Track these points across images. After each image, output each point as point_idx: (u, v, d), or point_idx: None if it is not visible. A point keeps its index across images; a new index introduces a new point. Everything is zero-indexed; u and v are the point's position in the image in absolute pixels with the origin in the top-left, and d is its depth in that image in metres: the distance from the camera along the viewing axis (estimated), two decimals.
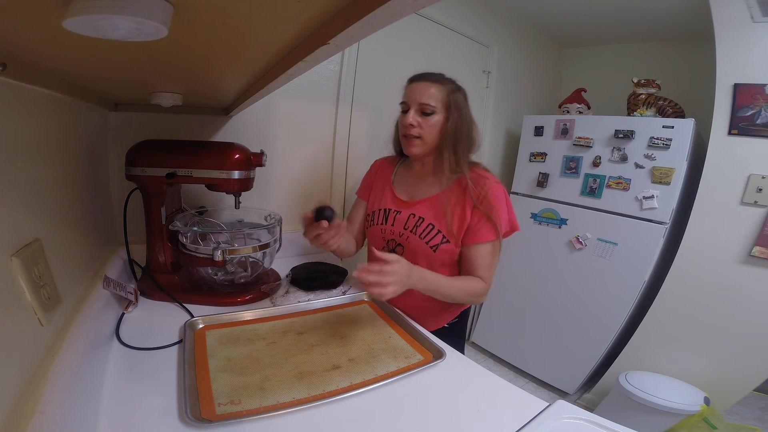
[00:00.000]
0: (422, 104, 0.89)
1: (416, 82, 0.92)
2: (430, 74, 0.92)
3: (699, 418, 1.43)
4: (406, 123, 0.90)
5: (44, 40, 0.36)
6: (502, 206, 0.89)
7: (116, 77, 0.64)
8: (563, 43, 2.56)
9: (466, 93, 0.94)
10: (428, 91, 0.89)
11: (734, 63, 1.46)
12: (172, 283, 0.92)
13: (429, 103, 0.88)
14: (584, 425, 0.58)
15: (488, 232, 0.88)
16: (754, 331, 1.47)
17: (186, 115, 1.10)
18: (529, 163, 2.08)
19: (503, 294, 2.23)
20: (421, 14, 1.67)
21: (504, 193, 0.91)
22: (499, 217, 0.88)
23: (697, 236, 1.58)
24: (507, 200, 0.91)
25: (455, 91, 0.91)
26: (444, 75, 0.93)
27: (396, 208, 0.99)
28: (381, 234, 1.00)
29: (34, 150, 0.56)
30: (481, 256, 0.90)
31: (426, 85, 0.90)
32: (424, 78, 0.91)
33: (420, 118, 0.90)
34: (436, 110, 0.89)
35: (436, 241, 0.91)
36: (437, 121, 0.90)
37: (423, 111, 0.89)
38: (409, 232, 0.95)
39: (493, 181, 0.91)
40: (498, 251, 0.92)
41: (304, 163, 1.42)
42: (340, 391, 0.61)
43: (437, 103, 0.89)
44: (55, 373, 0.48)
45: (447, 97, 0.90)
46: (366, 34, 0.30)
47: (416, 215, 0.95)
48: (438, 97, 0.89)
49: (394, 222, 0.98)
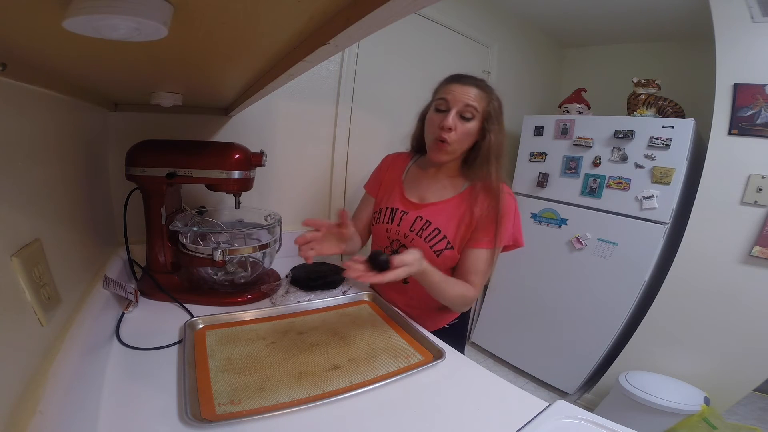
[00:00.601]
0: (467, 106, 0.84)
1: (461, 83, 0.86)
2: (474, 78, 0.88)
3: (699, 418, 1.43)
4: (446, 125, 0.84)
5: (44, 40, 0.36)
6: (509, 218, 0.87)
7: (116, 77, 0.64)
8: (563, 43, 2.56)
9: (501, 103, 0.90)
10: (470, 93, 0.84)
11: (734, 63, 1.46)
12: (172, 283, 0.92)
13: (474, 105, 0.84)
14: (584, 425, 0.58)
15: (489, 239, 0.86)
16: (754, 331, 1.47)
17: (186, 115, 1.10)
18: (529, 163, 2.08)
19: (503, 294, 2.23)
20: (421, 14, 1.67)
21: (514, 206, 0.89)
22: (504, 228, 0.86)
23: (697, 236, 1.58)
24: (516, 214, 0.89)
25: (495, 101, 0.88)
26: (486, 81, 0.89)
27: (404, 209, 0.96)
28: (386, 233, 0.98)
29: (34, 150, 0.57)
30: (477, 261, 0.87)
31: (471, 89, 0.85)
32: (468, 80, 0.86)
33: (459, 122, 0.85)
34: (476, 116, 0.85)
35: (440, 246, 0.90)
36: (472, 128, 0.86)
37: (463, 115, 0.84)
38: (415, 234, 0.92)
39: (507, 192, 0.89)
40: (493, 261, 0.89)
41: (304, 163, 1.42)
42: (340, 391, 0.61)
43: (479, 109, 0.85)
44: (55, 373, 0.48)
45: (488, 106, 0.86)
46: (366, 34, 0.30)
47: (423, 218, 0.92)
48: (480, 103, 0.85)
49: (400, 222, 0.95)
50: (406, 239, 0.94)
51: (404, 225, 0.94)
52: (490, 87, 0.89)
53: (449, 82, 0.88)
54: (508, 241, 0.88)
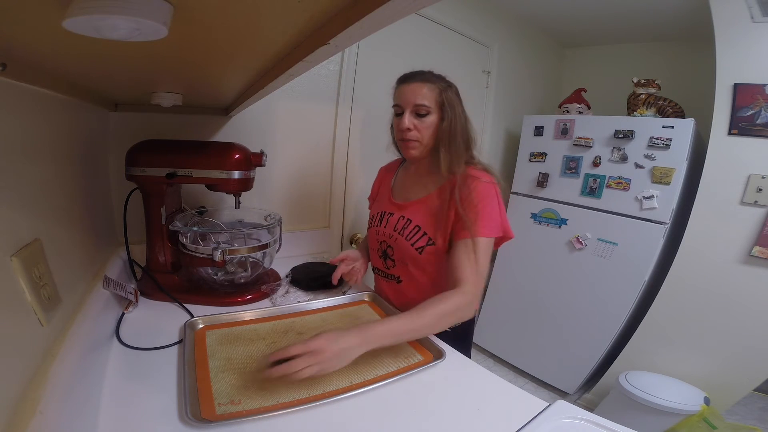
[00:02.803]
0: (417, 105, 0.86)
1: (407, 83, 0.89)
2: (420, 73, 0.89)
3: (699, 418, 1.43)
4: (403, 127, 0.88)
5: (44, 40, 0.36)
6: (490, 205, 0.84)
7: (116, 77, 0.64)
8: (563, 43, 2.56)
9: (457, 89, 0.91)
10: (421, 91, 0.86)
11: (734, 63, 1.46)
12: (172, 283, 0.92)
13: (423, 103, 0.86)
14: (584, 425, 0.58)
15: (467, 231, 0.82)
16: (754, 331, 1.47)
17: (186, 115, 1.10)
18: (529, 163, 2.08)
19: (503, 294, 2.23)
20: (421, 14, 1.66)
21: (493, 193, 0.85)
22: (485, 215, 0.82)
23: (697, 236, 1.58)
24: (499, 201, 0.86)
25: (447, 89, 0.88)
26: (433, 72, 0.90)
27: (389, 210, 0.99)
28: (375, 236, 1.00)
29: (35, 150, 0.57)
30: (461, 254, 0.82)
31: (418, 86, 0.87)
32: (414, 78, 0.89)
33: (416, 120, 0.87)
34: (431, 110, 0.87)
35: (421, 243, 0.89)
36: (432, 122, 0.88)
37: (417, 113, 0.87)
38: (397, 234, 0.93)
39: (483, 181, 0.85)
40: (482, 251, 0.82)
41: (304, 163, 1.42)
42: (340, 391, 0.61)
43: (431, 103, 0.86)
44: (55, 373, 0.48)
45: (440, 96, 0.87)
46: (366, 34, 0.30)
47: (405, 217, 0.93)
48: (431, 97, 0.86)
49: (387, 224, 0.97)
50: (391, 239, 0.96)
51: (389, 226, 0.96)
52: (438, 76, 0.90)
53: (398, 85, 0.91)
54: (497, 231, 0.84)
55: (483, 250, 0.82)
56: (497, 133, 2.26)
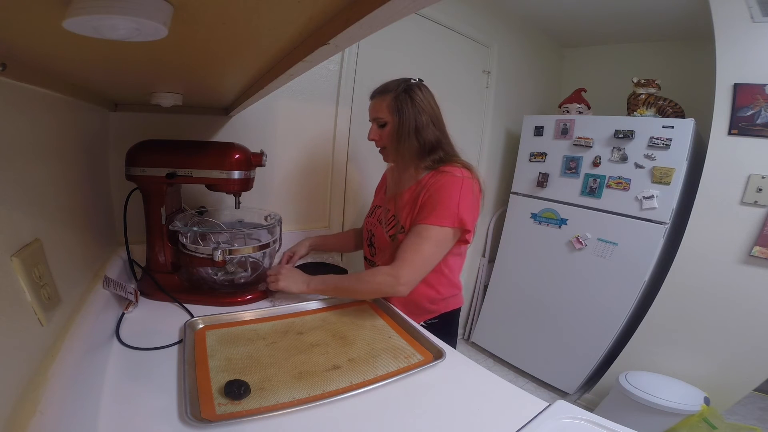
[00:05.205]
0: (375, 119, 0.98)
1: (371, 99, 1.00)
2: (380, 87, 0.98)
3: (699, 418, 1.43)
4: (368, 139, 1.00)
5: (44, 40, 0.36)
6: (446, 196, 0.86)
7: (116, 77, 0.64)
8: (563, 43, 2.56)
9: (415, 87, 0.94)
10: (378, 105, 0.96)
11: (734, 63, 1.46)
12: (172, 283, 0.92)
13: (379, 116, 0.96)
14: (584, 425, 0.58)
15: (422, 216, 0.88)
16: (754, 331, 1.47)
17: (186, 115, 1.10)
18: (529, 163, 2.08)
19: (503, 294, 2.23)
20: (421, 14, 1.67)
21: (457, 185, 0.87)
22: (440, 204, 0.86)
23: (697, 236, 1.58)
24: (461, 193, 0.87)
25: (401, 93, 0.93)
26: (394, 80, 0.97)
27: (378, 203, 1.11)
28: (367, 226, 1.12)
29: (35, 150, 0.57)
30: (408, 237, 0.89)
31: (377, 101, 0.97)
32: (375, 94, 0.99)
33: (380, 131, 0.98)
34: (387, 120, 0.95)
35: (393, 231, 0.98)
36: (390, 129, 0.96)
37: (378, 124, 0.98)
38: (378, 222, 1.04)
39: (454, 175, 0.89)
40: (433, 239, 0.86)
41: (304, 164, 1.42)
42: (340, 391, 0.61)
43: (386, 114, 0.95)
44: (55, 373, 0.48)
45: (392, 103, 0.94)
46: (366, 34, 0.30)
47: (387, 208, 1.04)
48: (385, 107, 0.95)
49: (373, 214, 1.10)
50: (374, 228, 1.06)
51: (375, 216, 1.08)
52: (394, 83, 0.96)
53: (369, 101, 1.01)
54: (451, 221, 0.86)
55: (430, 237, 0.87)
56: (497, 133, 2.26)
